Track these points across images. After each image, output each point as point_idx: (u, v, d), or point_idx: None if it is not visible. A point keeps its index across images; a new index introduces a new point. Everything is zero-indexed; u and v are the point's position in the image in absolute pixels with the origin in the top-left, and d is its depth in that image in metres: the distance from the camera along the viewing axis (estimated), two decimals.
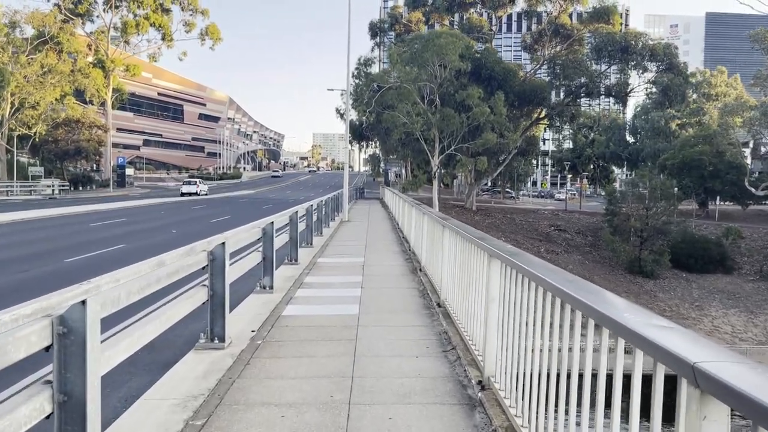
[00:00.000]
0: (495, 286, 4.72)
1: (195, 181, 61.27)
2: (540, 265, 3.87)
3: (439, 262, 8.43)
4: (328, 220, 21.35)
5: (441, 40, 37.97)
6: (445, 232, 7.65)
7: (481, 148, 40.08)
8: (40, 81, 55.60)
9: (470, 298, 5.82)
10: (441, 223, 7.96)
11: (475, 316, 5.46)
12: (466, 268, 6.06)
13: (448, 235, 7.45)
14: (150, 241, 17.37)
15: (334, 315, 7.46)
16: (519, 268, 3.94)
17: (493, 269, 4.73)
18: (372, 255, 13.40)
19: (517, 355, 4.07)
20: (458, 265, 6.67)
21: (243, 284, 9.94)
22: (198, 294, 5.84)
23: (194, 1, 72.55)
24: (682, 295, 41.99)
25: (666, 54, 42.93)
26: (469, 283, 5.86)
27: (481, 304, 5.22)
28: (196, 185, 58.42)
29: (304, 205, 14.65)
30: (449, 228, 7.29)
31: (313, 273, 10.92)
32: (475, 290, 5.51)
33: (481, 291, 5.24)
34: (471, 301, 5.76)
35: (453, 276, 7.11)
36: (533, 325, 3.77)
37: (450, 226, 7.22)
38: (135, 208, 33.53)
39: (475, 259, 5.53)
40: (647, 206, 47.28)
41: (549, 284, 3.18)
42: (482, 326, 5.07)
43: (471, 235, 5.48)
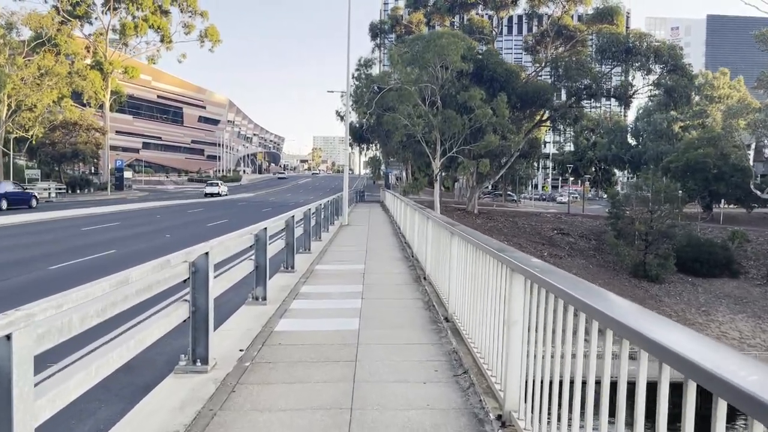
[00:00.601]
0: (518, 306, 4.05)
1: (217, 183, 67.26)
2: (577, 283, 3.22)
3: (446, 272, 7.77)
4: (327, 224, 20.69)
5: (443, 41, 37.33)
6: (454, 240, 6.99)
7: (483, 150, 39.43)
8: (37, 83, 55.02)
9: (485, 316, 5.15)
10: (449, 230, 7.29)
11: (492, 338, 4.79)
12: (479, 281, 5.40)
13: (457, 243, 6.78)
14: (142, 246, 16.70)
15: (333, 330, 6.79)
16: (550, 288, 3.28)
17: (516, 286, 4.07)
18: (373, 262, 12.74)
19: (547, 390, 3.41)
20: (470, 277, 6.00)
21: (234, 294, 9.29)
22: (177, 311, 5.17)
23: (193, 3, 72.09)
24: (689, 300, 41.30)
25: (671, 55, 42.29)
26: (484, 298, 5.20)
27: (499, 324, 4.55)
28: (218, 186, 64.01)
29: (302, 209, 13.99)
30: (459, 235, 6.63)
31: (310, 282, 10.25)
32: (492, 308, 4.84)
33: (498, 309, 4.58)
34: (486, 320, 5.09)
35: (463, 288, 6.45)
36: (570, 357, 3.12)
37: (459, 233, 6.55)
38: (131, 211, 32.89)
39: (491, 273, 4.87)
40: (651, 209, 46.62)
41: (598, 312, 2.52)
42: (501, 351, 4.41)
43: (488, 246, 4.81)
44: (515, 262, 3.97)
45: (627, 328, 2.18)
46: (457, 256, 6.85)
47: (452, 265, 7.09)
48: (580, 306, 2.82)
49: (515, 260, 4.00)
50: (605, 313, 2.42)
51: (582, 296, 2.81)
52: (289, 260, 11.31)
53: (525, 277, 3.88)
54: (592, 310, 2.62)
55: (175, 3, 71.72)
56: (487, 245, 4.84)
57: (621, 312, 2.36)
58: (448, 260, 7.42)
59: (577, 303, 2.86)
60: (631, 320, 2.23)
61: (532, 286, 3.74)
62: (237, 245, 7.14)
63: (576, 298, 2.84)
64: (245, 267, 7.84)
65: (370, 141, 55.45)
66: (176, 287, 5.33)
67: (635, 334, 2.09)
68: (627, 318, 2.25)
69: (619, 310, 2.43)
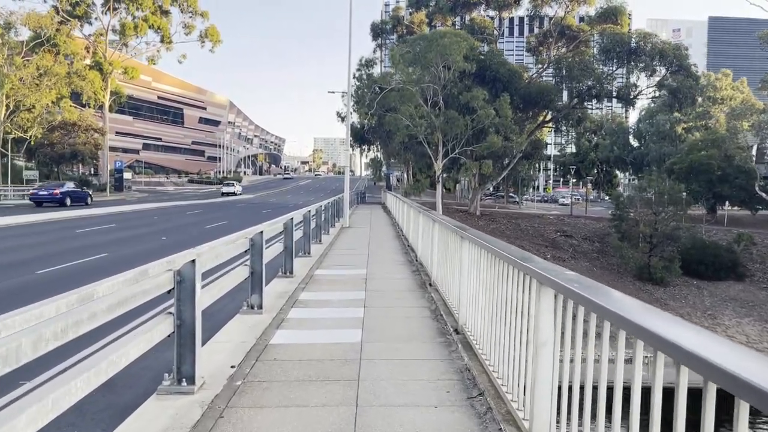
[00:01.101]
0: (547, 325, 3.51)
1: (232, 183, 73.03)
2: (623, 300, 2.69)
3: (454, 279, 7.23)
4: (327, 226, 20.17)
5: (445, 40, 36.82)
6: (465, 245, 6.45)
7: (485, 151, 38.91)
8: (36, 83, 54.58)
9: (503, 331, 4.63)
10: (458, 234, 6.76)
11: (512, 357, 4.25)
12: (496, 292, 4.87)
13: (469, 248, 6.25)
14: (136, 249, 16.17)
15: (333, 343, 6.25)
16: (593, 307, 2.74)
17: (545, 302, 3.53)
18: (375, 266, 12.20)
19: (587, 428, 2.88)
20: (484, 286, 5.47)
21: (229, 300, 8.77)
22: (160, 325, 4.64)
23: (193, 3, 71.64)
24: (694, 303, 40.73)
25: (676, 56, 41.75)
26: (501, 311, 4.68)
27: (520, 342, 4.02)
28: (233, 186, 69.41)
29: (301, 211, 13.45)
30: (471, 240, 6.09)
31: (309, 288, 9.71)
32: (512, 323, 4.31)
33: (521, 326, 4.04)
34: (504, 335, 4.56)
35: (475, 298, 5.92)
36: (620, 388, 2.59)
37: (471, 238, 6.01)
38: (129, 213, 32.38)
39: (511, 284, 4.34)
40: (656, 211, 46.07)
41: (669, 344, 1.98)
42: (525, 374, 3.88)
43: (508, 254, 4.27)
44: (544, 274, 3.44)
45: (695, 357, 1.64)
46: (468, 263, 6.32)
47: (463, 272, 6.56)
48: (634, 331, 2.29)
49: (544, 272, 3.46)
50: (681, 346, 1.87)
51: (639, 319, 2.28)
52: (287, 265, 10.78)
53: (556, 291, 3.34)
54: (657, 340, 2.08)
55: (176, 3, 71.29)
56: (508, 253, 4.31)
57: (699, 343, 1.82)
58: (458, 267, 6.89)
59: (620, 321, 2.34)
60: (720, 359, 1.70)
61: (566, 302, 3.21)
62: (229, 251, 6.60)
63: (632, 322, 2.31)
64: (239, 273, 7.31)
65: (371, 142, 54.95)
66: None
67: (702, 364, 1.55)
68: (722, 359, 1.71)
69: (699, 340, 1.89)
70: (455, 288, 7.18)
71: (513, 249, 4.67)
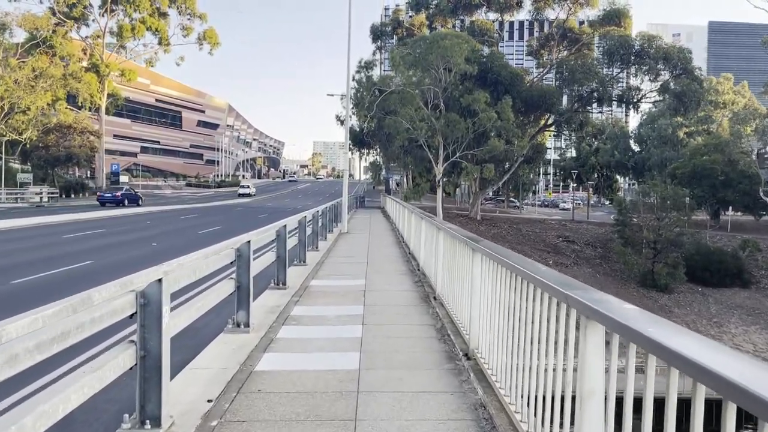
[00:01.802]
0: (595, 371, 2.75)
1: (248, 185, 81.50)
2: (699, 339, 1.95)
3: (464, 296, 6.47)
4: (325, 232, 19.40)
5: (446, 42, 36.13)
6: (477, 259, 5.69)
7: (487, 155, 38.18)
8: (31, 85, 53.88)
9: (527, 363, 3.88)
10: (469, 246, 5.99)
11: (545, 401, 3.48)
12: (517, 316, 4.11)
13: (482, 263, 5.49)
14: (123, 256, 15.40)
15: (327, 370, 5.48)
16: (666, 354, 1.97)
17: (592, 341, 2.77)
18: (375, 276, 11.42)
19: None
20: (501, 308, 4.73)
21: (215, 316, 8.01)
22: (118, 358, 3.87)
23: (192, 5, 71.06)
24: (699, 311, 39.97)
25: (680, 58, 41.07)
26: (524, 339, 3.94)
27: (557, 385, 3.26)
28: (248, 188, 77.34)
29: (296, 217, 12.69)
30: (484, 254, 5.34)
31: (303, 301, 8.93)
32: (540, 357, 3.55)
33: (555, 364, 3.28)
34: (529, 369, 3.81)
35: (489, 320, 5.16)
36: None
37: (485, 251, 5.26)
38: (122, 217, 31.59)
39: (538, 309, 3.58)
40: (659, 216, 45.34)
41: None
42: (562, 425, 3.12)
43: (540, 277, 3.50)
44: (594, 307, 2.67)
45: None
46: (481, 279, 5.56)
47: (474, 288, 5.79)
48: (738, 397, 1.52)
49: (593, 303, 2.70)
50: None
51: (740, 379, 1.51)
52: (280, 275, 10.01)
53: (610, 330, 2.58)
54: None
55: (174, 5, 70.67)
56: (540, 276, 3.53)
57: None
58: (468, 282, 6.12)
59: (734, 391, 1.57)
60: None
61: (627, 346, 2.44)
62: (211, 264, 5.83)
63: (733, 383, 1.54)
64: (223, 289, 6.53)
65: (370, 145, 54.24)
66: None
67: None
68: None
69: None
70: (464, 306, 6.41)
71: (540, 268, 3.91)
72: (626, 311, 2.55)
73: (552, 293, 3.27)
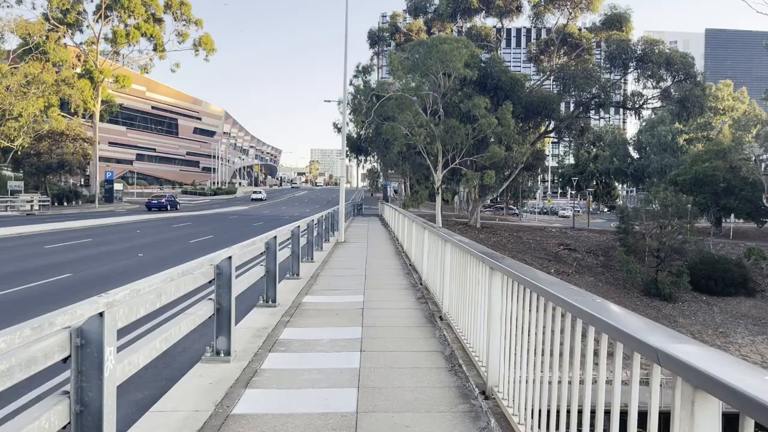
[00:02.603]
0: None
1: (260, 191, 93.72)
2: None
3: (478, 320, 5.58)
4: (321, 241, 18.51)
5: (445, 46, 35.36)
6: (496, 280, 4.81)
7: (488, 162, 37.33)
8: (23, 91, 52.98)
9: (562, 405, 2.99)
10: (487, 263, 5.10)
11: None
12: (552, 352, 3.24)
13: (503, 285, 4.62)
14: (105, 268, 14.46)
15: (319, 414, 4.58)
16: None
17: (707, 418, 1.87)
18: (374, 292, 10.51)
19: None
20: (529, 340, 3.85)
21: (198, 337, 7.14)
22: (47, 414, 2.97)
23: (187, 11, 70.34)
24: (704, 321, 39.10)
25: (683, 63, 40.38)
26: (563, 382, 3.05)
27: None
28: (261, 193, 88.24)
29: (289, 227, 11.80)
30: (508, 275, 4.45)
31: (295, 321, 8.02)
32: (584, 399, 2.67)
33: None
34: (566, 414, 2.92)
35: (513, 354, 4.27)
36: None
37: (510, 272, 4.38)
38: (112, 225, 30.63)
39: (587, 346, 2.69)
40: (661, 224, 44.55)
41: None
42: None
43: (600, 314, 2.61)
44: (707, 373, 1.77)
45: None
46: (502, 304, 4.68)
47: (493, 313, 4.90)
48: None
49: (671, 339, 1.81)
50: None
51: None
52: (269, 291, 9.09)
53: (720, 400, 1.69)
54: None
55: (169, 11, 69.96)
56: (596, 312, 2.64)
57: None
58: (484, 305, 5.24)
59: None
60: None
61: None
62: (179, 287, 4.92)
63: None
64: (198, 313, 5.62)
65: (368, 152, 53.42)
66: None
67: None
68: None
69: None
70: (479, 332, 5.52)
71: (588, 297, 3.02)
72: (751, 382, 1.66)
73: (620, 338, 2.37)
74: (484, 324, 5.29)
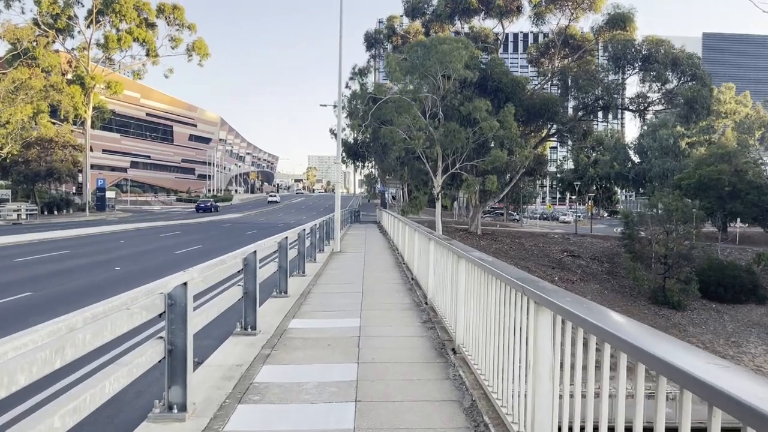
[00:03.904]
0: None
1: (275, 193, 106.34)
2: None
3: (509, 363, 4.17)
4: (314, 251, 17.10)
5: (444, 47, 34.08)
6: (544, 319, 3.42)
7: (489, 166, 35.99)
8: (11, 97, 51.62)
9: None
10: (530, 296, 3.69)
11: None
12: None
13: (553, 328, 3.23)
14: (71, 285, 13.03)
15: None
16: None
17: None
18: (372, 313, 9.10)
19: None
20: (603, 408, 2.46)
21: (153, 381, 5.82)
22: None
23: (180, 16, 69.22)
24: (715, 329, 37.69)
25: (689, 64, 39.18)
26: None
27: None
28: (276, 195, 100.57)
29: (276, 238, 10.40)
30: (564, 315, 3.06)
31: (276, 357, 6.60)
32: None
33: None
34: None
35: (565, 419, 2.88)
36: None
37: (558, 304, 2.98)
38: (96, 235, 29.16)
39: None
40: (667, 229, 43.22)
41: None
42: None
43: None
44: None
45: None
46: (554, 352, 3.29)
47: (538, 360, 3.51)
48: None
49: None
50: None
51: None
52: (248, 316, 7.67)
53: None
54: None
55: (162, 15, 68.80)
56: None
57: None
58: (521, 348, 3.85)
59: None
60: None
61: None
62: (97, 335, 3.49)
63: None
64: (139, 360, 4.20)
65: (365, 158, 52.07)
66: None
67: None
68: None
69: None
70: (512, 380, 4.12)
71: (679, 348, 1.63)
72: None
73: None
74: (519, 370, 3.90)
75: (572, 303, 3.08)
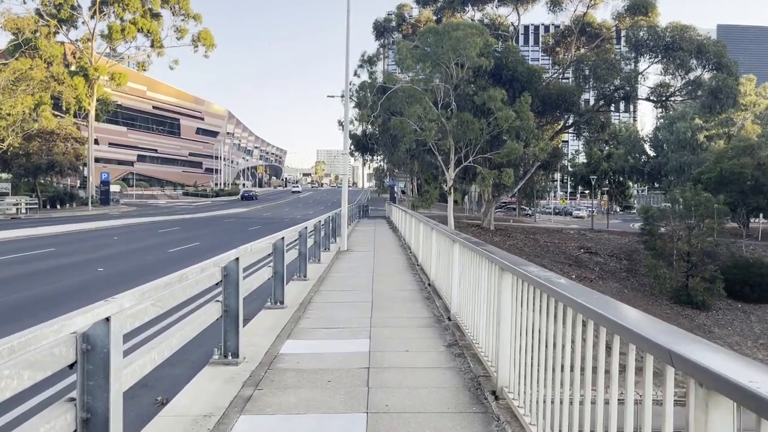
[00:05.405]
0: None
1: (298, 184, 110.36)
2: None
3: (584, 418, 2.55)
4: (318, 251, 15.51)
5: (458, 33, 32.32)
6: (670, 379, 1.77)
7: (505, 159, 34.25)
8: (12, 89, 50.39)
9: None
10: (605, 324, 2.05)
11: None
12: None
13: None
14: (43, 288, 11.54)
15: None
16: None
17: None
18: (384, 332, 7.48)
19: None
20: None
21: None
22: None
23: (185, 5, 67.75)
24: (742, 331, 35.85)
25: (715, 52, 37.16)
26: None
27: None
28: (298, 185, 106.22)
29: (271, 239, 8.81)
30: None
31: (258, 402, 5.00)
32: None
33: None
34: None
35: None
36: None
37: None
38: (90, 231, 27.74)
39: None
40: (690, 225, 41.31)
41: None
42: None
43: None
44: None
45: None
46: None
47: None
48: None
49: None
50: None
51: None
52: (229, 340, 6.07)
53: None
54: None
55: (167, 5, 67.37)
56: None
57: None
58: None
59: None
60: None
61: None
62: None
63: None
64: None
65: (374, 151, 50.43)
66: None
67: None
68: None
69: None
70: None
71: None
72: None
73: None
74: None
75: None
